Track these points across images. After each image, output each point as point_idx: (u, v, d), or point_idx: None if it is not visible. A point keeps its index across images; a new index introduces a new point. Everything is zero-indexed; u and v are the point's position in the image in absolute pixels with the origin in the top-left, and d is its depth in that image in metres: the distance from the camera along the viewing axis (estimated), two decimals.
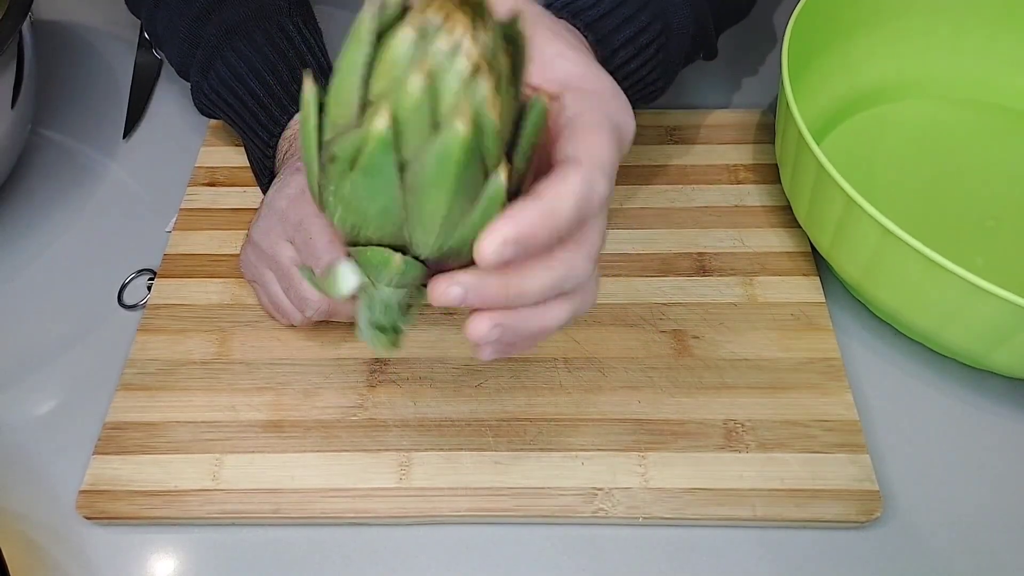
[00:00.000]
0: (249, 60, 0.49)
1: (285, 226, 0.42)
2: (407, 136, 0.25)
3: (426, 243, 0.28)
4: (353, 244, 0.30)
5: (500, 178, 0.26)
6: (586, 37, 0.40)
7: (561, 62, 0.30)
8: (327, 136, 0.28)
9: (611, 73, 0.36)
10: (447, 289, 0.27)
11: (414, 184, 0.26)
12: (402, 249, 0.29)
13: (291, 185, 0.43)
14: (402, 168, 0.26)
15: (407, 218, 0.27)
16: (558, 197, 0.26)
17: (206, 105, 0.52)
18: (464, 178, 0.25)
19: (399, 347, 0.33)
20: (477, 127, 0.25)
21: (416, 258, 0.29)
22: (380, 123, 0.25)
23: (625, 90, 0.36)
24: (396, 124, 0.25)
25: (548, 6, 0.39)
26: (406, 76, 0.25)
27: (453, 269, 0.28)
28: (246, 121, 0.50)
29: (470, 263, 0.27)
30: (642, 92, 0.46)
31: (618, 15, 0.41)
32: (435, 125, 0.25)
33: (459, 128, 0.24)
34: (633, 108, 0.32)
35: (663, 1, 0.43)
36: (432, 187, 0.26)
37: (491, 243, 0.25)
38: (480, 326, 0.28)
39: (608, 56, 0.40)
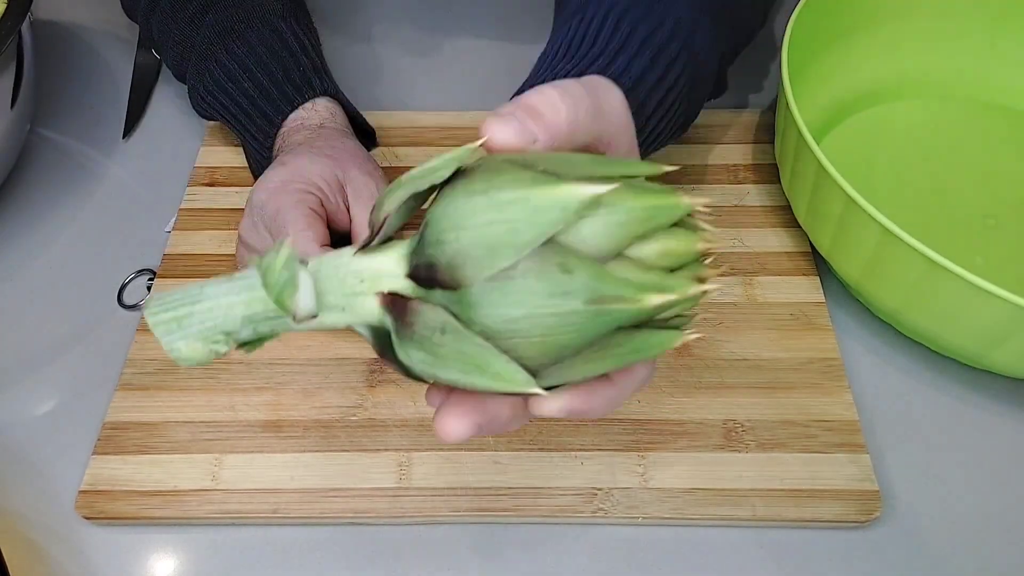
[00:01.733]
0: (242, 60, 0.49)
1: (263, 217, 0.42)
2: None
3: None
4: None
5: None
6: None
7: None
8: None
9: (643, 141, 0.36)
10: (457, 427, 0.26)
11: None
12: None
13: (271, 179, 0.43)
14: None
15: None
16: (625, 388, 0.28)
17: (203, 107, 0.52)
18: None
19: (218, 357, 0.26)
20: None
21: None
22: None
23: (649, 148, 0.38)
24: None
25: (580, 76, 0.37)
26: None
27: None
28: (241, 121, 0.50)
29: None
30: (662, 145, 0.44)
31: (650, 79, 0.38)
32: None
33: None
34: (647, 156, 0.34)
35: (689, 55, 0.40)
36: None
37: (553, 404, 0.26)
38: (458, 427, 0.26)
39: (642, 126, 0.38)
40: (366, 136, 0.55)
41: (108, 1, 0.67)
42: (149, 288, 0.50)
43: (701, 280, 0.26)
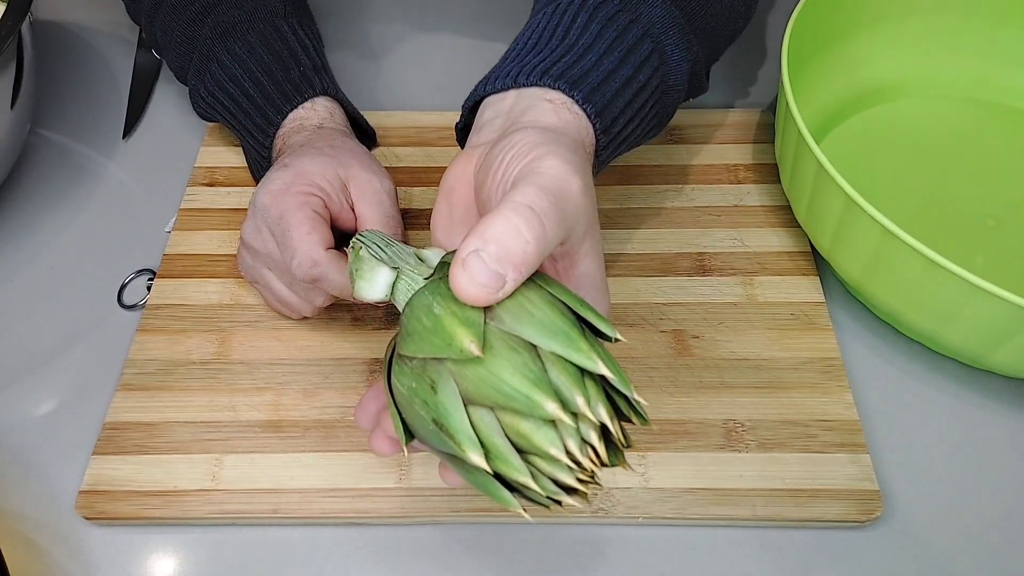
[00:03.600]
0: (243, 61, 0.49)
1: (267, 220, 0.42)
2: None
3: None
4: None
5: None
6: (586, 111, 0.36)
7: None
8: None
9: (610, 142, 0.37)
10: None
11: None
12: None
13: (274, 181, 0.43)
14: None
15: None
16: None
17: (204, 108, 0.52)
18: None
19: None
20: None
21: None
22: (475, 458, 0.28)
23: (618, 149, 0.39)
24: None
25: (544, 73, 0.36)
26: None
27: None
28: (241, 122, 0.50)
29: None
30: (634, 145, 0.43)
31: (618, 78, 0.38)
32: None
33: None
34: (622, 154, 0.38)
35: (660, 58, 0.40)
36: None
37: (385, 446, 0.33)
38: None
39: (608, 126, 0.37)
40: (366, 136, 0.55)
41: (108, 1, 0.68)
42: (149, 288, 0.50)
43: (566, 487, 0.29)
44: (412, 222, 0.53)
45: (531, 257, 0.28)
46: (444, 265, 0.31)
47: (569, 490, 0.29)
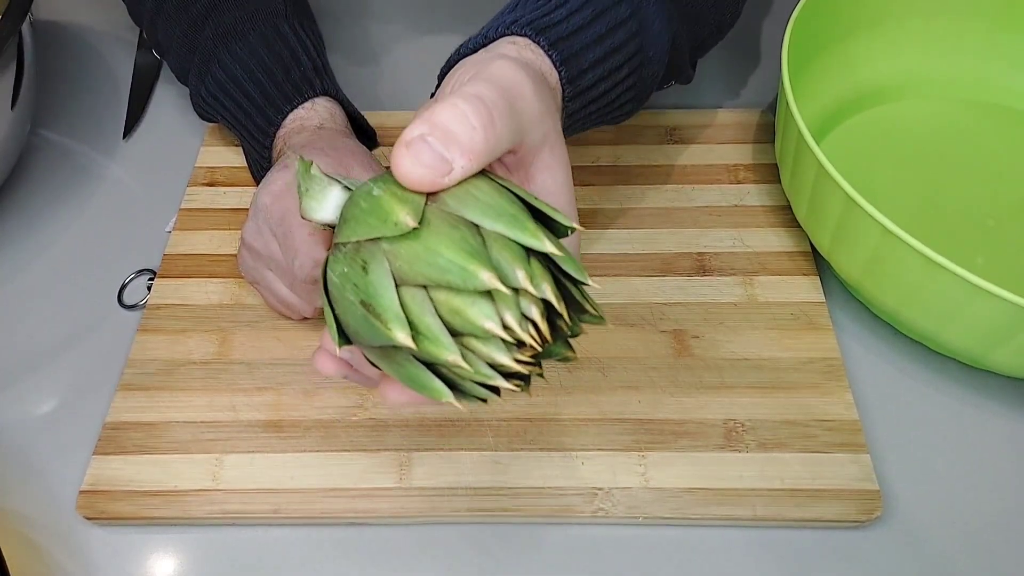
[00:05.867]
0: (244, 62, 0.49)
1: (269, 221, 0.42)
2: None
3: None
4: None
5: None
6: (550, 56, 0.36)
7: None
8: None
9: (578, 95, 0.36)
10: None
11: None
12: None
13: (275, 182, 0.43)
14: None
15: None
16: (396, 398, 0.31)
17: (205, 110, 0.52)
18: None
19: None
20: None
21: None
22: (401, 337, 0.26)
23: (591, 112, 0.37)
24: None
25: (513, 23, 0.36)
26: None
27: None
28: (242, 123, 0.50)
29: None
30: (610, 115, 0.43)
31: (590, 33, 0.37)
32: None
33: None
34: (596, 126, 0.36)
35: (639, 24, 0.40)
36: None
37: (328, 363, 0.32)
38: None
39: (574, 76, 0.37)
40: (366, 136, 0.55)
41: (108, 1, 0.68)
42: (149, 288, 0.50)
43: (505, 373, 0.27)
44: None
45: (478, 144, 0.27)
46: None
47: (510, 377, 0.27)
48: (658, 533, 0.42)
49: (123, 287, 0.51)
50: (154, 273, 0.51)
